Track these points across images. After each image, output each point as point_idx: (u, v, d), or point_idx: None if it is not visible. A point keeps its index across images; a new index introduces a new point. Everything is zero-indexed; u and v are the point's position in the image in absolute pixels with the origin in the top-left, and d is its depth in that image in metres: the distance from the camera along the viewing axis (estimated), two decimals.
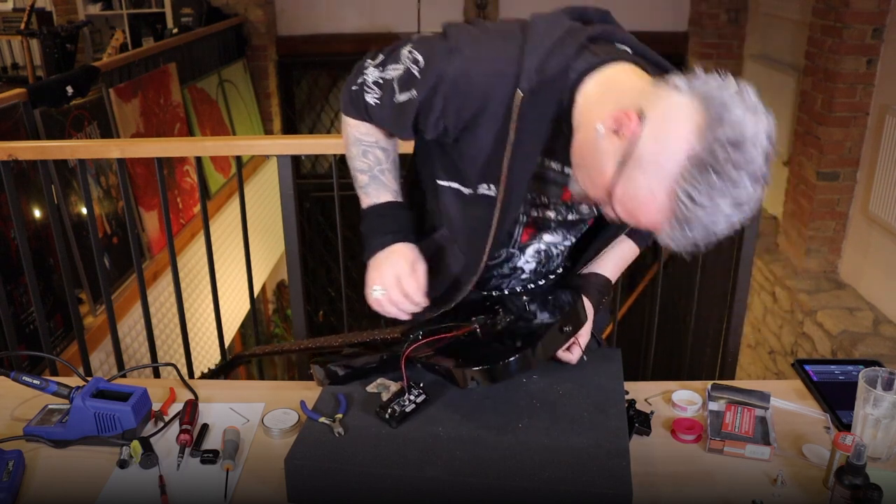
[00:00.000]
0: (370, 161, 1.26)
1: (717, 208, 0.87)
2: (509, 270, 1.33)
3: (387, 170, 1.26)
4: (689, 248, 0.92)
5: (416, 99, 1.12)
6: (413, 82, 1.12)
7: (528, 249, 1.30)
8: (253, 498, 1.11)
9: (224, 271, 4.36)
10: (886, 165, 3.61)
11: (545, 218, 1.25)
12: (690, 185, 0.87)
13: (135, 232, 3.40)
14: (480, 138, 1.11)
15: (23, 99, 3.06)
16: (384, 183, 1.25)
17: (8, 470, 1.11)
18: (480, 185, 1.17)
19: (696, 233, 0.90)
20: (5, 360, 2.58)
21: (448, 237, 1.30)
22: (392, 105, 1.17)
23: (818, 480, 1.13)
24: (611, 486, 0.99)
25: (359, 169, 1.26)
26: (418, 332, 1.26)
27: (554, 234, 1.29)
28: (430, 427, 1.12)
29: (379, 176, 1.25)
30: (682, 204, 0.88)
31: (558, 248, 1.32)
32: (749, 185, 0.87)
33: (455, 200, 1.23)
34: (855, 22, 3.64)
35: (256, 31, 6.02)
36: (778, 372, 4.17)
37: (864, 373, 1.15)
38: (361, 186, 1.26)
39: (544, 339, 1.14)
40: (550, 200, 1.22)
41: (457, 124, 1.11)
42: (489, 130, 1.09)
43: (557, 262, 1.36)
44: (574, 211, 1.25)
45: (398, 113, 1.17)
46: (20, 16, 5.12)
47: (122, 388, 1.26)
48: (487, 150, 1.11)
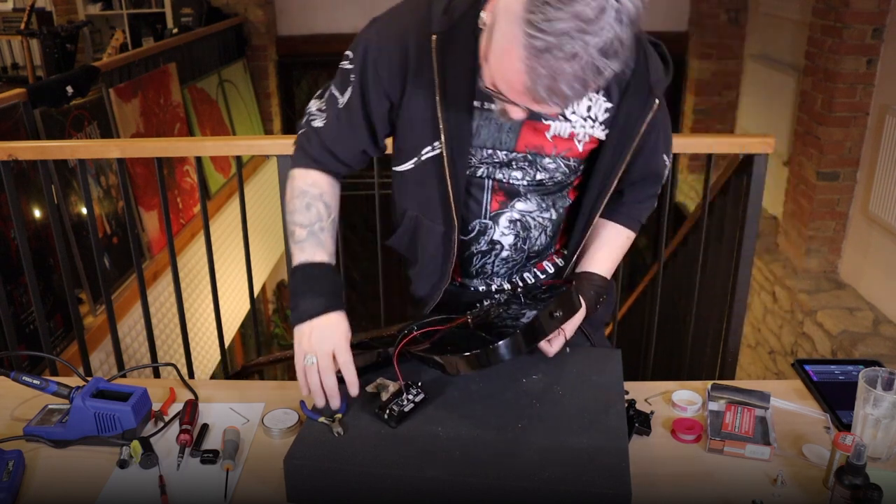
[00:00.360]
0: (311, 216, 1.24)
1: (564, 34, 0.87)
2: (487, 246, 1.32)
3: (326, 228, 1.24)
4: (563, 100, 0.93)
5: (354, 83, 1.19)
6: (347, 74, 1.20)
7: (501, 219, 1.29)
8: (253, 498, 1.11)
9: (224, 271, 4.36)
10: (886, 165, 3.61)
11: (511, 181, 1.25)
12: (534, 13, 0.88)
13: (135, 232, 3.40)
14: (416, 98, 1.16)
15: (23, 99, 3.06)
16: (321, 242, 1.23)
17: (8, 470, 1.11)
18: (425, 148, 1.20)
19: (559, 75, 0.89)
20: (5, 360, 2.58)
21: (417, 217, 1.30)
22: (338, 114, 1.23)
23: (818, 480, 1.13)
24: (610, 486, 0.99)
25: (298, 223, 1.24)
26: (412, 326, 1.26)
27: (527, 202, 1.28)
28: (430, 427, 1.12)
29: (318, 234, 1.23)
30: (532, 38, 0.88)
31: (535, 219, 1.31)
32: (592, 2, 0.87)
33: (411, 177, 1.25)
34: (855, 22, 3.64)
35: (256, 31, 6.02)
36: (778, 372, 4.17)
37: (864, 373, 1.15)
38: (298, 241, 1.23)
39: (534, 323, 1.14)
40: (509, 156, 1.22)
41: (393, 87, 1.17)
42: (420, 86, 1.15)
43: (539, 237, 1.34)
44: (539, 167, 1.24)
45: (347, 116, 1.22)
46: (20, 16, 5.12)
47: (122, 388, 1.26)
48: (423, 107, 1.16)
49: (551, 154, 1.23)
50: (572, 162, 1.26)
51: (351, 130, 1.24)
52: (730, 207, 2.33)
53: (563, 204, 1.33)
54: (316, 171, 1.27)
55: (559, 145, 1.22)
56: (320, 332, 1.17)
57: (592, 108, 1.20)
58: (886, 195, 3.61)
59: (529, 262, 1.37)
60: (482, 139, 1.20)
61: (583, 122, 1.21)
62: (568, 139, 1.22)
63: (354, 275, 6.22)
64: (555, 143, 1.22)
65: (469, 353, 1.10)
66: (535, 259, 1.38)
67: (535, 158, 1.23)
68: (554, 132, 1.21)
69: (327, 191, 1.27)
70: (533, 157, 1.23)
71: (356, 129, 1.24)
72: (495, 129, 1.20)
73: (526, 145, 1.22)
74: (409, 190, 1.29)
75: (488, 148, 1.21)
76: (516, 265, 1.36)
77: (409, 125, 1.20)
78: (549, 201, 1.30)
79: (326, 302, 1.18)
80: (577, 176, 1.31)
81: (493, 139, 1.20)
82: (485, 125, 1.19)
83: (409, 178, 1.26)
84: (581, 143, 1.23)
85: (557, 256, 1.43)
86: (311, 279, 1.21)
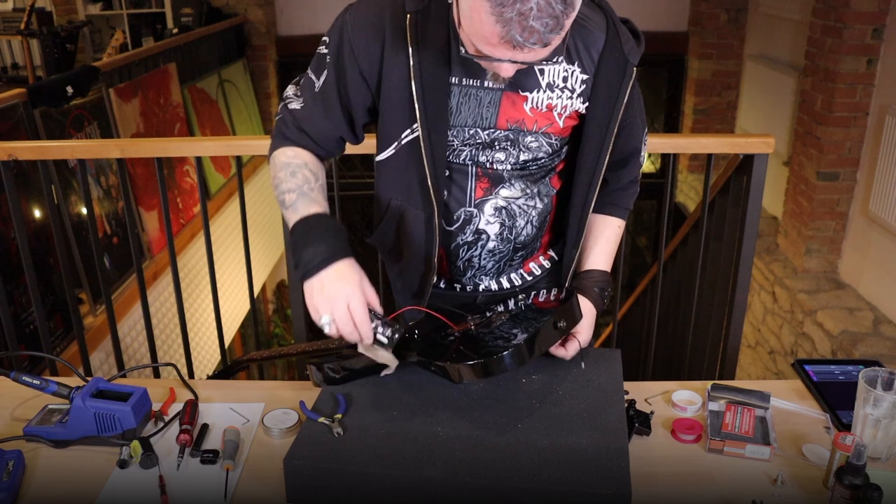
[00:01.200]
0: (299, 180, 1.21)
1: None
2: (473, 236, 1.32)
3: (315, 188, 1.21)
4: (539, 38, 0.96)
5: (330, 66, 1.20)
6: (323, 58, 1.22)
7: (486, 206, 1.29)
8: (253, 498, 1.11)
9: (224, 271, 4.36)
10: (886, 165, 3.61)
11: (495, 164, 1.26)
12: None
13: (135, 232, 3.41)
14: (392, 80, 1.17)
15: (23, 99, 3.06)
16: (312, 199, 1.19)
17: (8, 470, 1.11)
18: (404, 132, 1.21)
19: (527, 13, 0.93)
20: (5, 360, 2.58)
21: (401, 205, 1.31)
22: (314, 97, 1.24)
23: (818, 480, 1.13)
24: (610, 486, 0.99)
25: (286, 190, 1.21)
26: (414, 331, 1.26)
27: (511, 188, 1.29)
28: (430, 427, 1.12)
29: (308, 193, 1.20)
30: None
31: (521, 207, 1.31)
32: None
33: (393, 163, 1.26)
34: (855, 22, 3.64)
35: (256, 31, 6.02)
36: (778, 372, 4.17)
37: (864, 373, 1.15)
38: (289, 205, 1.19)
39: (538, 334, 1.14)
40: (491, 136, 1.23)
41: (370, 69, 1.18)
42: (396, 66, 1.16)
43: (525, 227, 1.33)
44: (522, 146, 1.25)
45: (322, 99, 1.23)
46: (20, 16, 5.13)
47: (122, 388, 1.26)
48: (400, 88, 1.17)
49: (532, 129, 1.23)
50: (554, 140, 1.26)
51: (327, 113, 1.24)
52: (730, 207, 2.33)
53: (547, 192, 1.33)
54: (294, 147, 1.26)
55: (539, 120, 1.23)
56: (331, 286, 1.11)
57: (569, 78, 1.21)
58: (886, 195, 3.61)
59: (517, 255, 1.37)
60: (463, 117, 1.21)
61: (559, 92, 1.21)
62: (547, 112, 1.22)
63: None
64: (535, 117, 1.22)
65: (473, 362, 1.11)
66: (521, 252, 1.37)
67: (518, 136, 1.23)
68: (532, 104, 1.21)
69: (310, 161, 1.25)
70: (515, 134, 1.23)
71: (332, 113, 1.24)
72: (475, 105, 1.20)
73: (507, 120, 1.22)
74: (392, 178, 1.29)
75: (469, 127, 1.22)
76: (504, 258, 1.36)
77: (387, 108, 1.21)
78: (533, 189, 1.30)
79: (330, 250, 1.12)
80: (561, 160, 1.32)
81: (474, 116, 1.21)
82: (464, 102, 1.20)
83: (391, 164, 1.27)
84: (561, 117, 1.23)
85: (545, 258, 1.43)
86: (310, 229, 1.15)
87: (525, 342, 1.12)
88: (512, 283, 1.42)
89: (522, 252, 1.38)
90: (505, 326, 1.24)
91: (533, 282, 1.43)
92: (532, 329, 1.17)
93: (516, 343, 1.12)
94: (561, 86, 1.21)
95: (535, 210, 1.32)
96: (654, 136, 2.02)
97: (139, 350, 3.46)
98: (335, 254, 1.12)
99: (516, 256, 1.37)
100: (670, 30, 5.85)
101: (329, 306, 1.11)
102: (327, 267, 1.11)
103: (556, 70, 1.20)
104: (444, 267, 1.39)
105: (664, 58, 5.91)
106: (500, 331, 1.23)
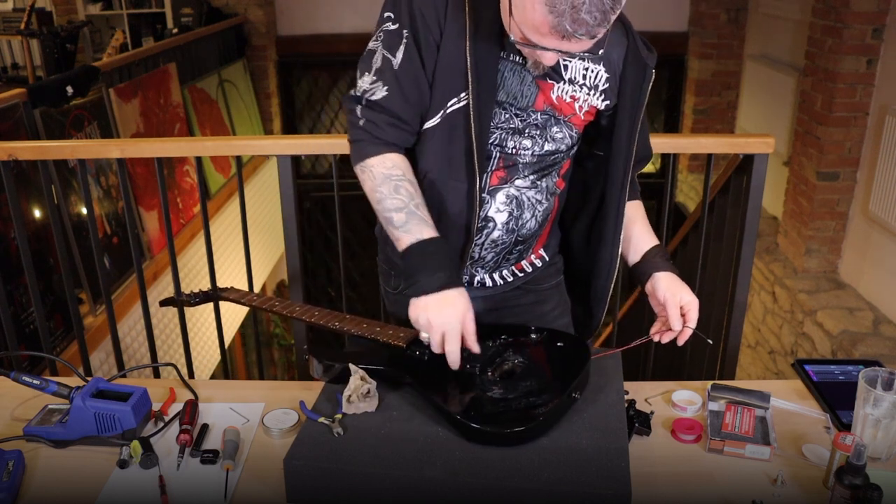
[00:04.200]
0: (403, 197, 1.23)
1: None
2: (481, 223, 1.33)
3: (420, 204, 1.24)
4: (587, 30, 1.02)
5: (408, 39, 1.21)
6: (395, 34, 1.22)
7: (499, 195, 1.32)
8: (253, 498, 1.11)
9: (224, 271, 4.36)
10: (886, 165, 3.61)
11: (520, 152, 1.29)
12: None
13: (135, 232, 3.40)
14: (448, 46, 1.20)
15: (23, 99, 3.06)
16: (422, 218, 1.23)
17: (8, 470, 1.11)
18: (451, 100, 1.22)
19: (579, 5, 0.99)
20: (5, 360, 2.58)
21: (435, 180, 1.30)
22: (397, 75, 1.22)
23: (818, 480, 1.13)
24: (610, 487, 0.99)
25: (394, 208, 1.23)
26: (425, 350, 1.22)
27: (524, 178, 1.32)
28: (430, 427, 1.12)
29: (415, 211, 1.23)
30: None
31: (530, 200, 1.34)
32: None
33: (436, 134, 1.27)
34: (855, 22, 3.64)
35: (256, 31, 6.02)
36: (778, 372, 4.17)
37: (864, 373, 1.15)
38: (400, 225, 1.22)
39: (556, 407, 1.11)
40: (525, 121, 1.27)
41: (436, 35, 1.20)
42: (452, 33, 1.19)
43: (529, 220, 1.36)
44: (549, 136, 1.30)
45: (407, 75, 1.22)
46: (20, 16, 5.13)
47: (122, 388, 1.26)
48: (454, 55, 1.20)
49: (562, 115, 1.28)
50: (574, 133, 1.32)
51: (416, 88, 1.23)
52: (730, 207, 2.33)
53: (553, 190, 1.37)
54: (389, 153, 1.26)
55: (565, 108, 1.28)
56: (438, 308, 1.17)
57: (589, 76, 1.28)
58: (886, 195, 3.61)
59: (515, 248, 1.39)
60: (506, 89, 1.25)
61: (579, 87, 1.28)
62: (570, 103, 1.28)
63: (354, 275, 6.22)
64: (561, 105, 1.28)
65: (485, 429, 1.07)
66: (520, 247, 1.39)
67: (547, 124, 1.28)
68: (557, 93, 1.27)
69: (407, 170, 1.26)
70: (546, 120, 1.28)
71: (421, 86, 1.23)
72: (518, 83, 1.25)
73: (545, 101, 1.27)
74: (433, 148, 1.28)
75: (509, 104, 1.25)
76: (504, 250, 1.38)
77: (440, 76, 1.23)
78: (542, 184, 1.34)
79: (445, 278, 1.18)
80: (567, 159, 1.37)
81: (516, 93, 1.25)
82: (510, 77, 1.24)
83: (434, 135, 1.27)
84: (581, 111, 1.30)
85: (536, 257, 1.46)
86: (427, 256, 1.20)
87: (544, 418, 1.08)
88: (504, 279, 1.44)
89: (521, 247, 1.40)
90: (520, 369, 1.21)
91: (523, 279, 1.46)
92: (552, 405, 1.11)
93: (532, 418, 1.08)
94: (581, 81, 1.28)
95: (542, 206, 1.36)
96: (655, 136, 2.02)
97: (139, 350, 3.46)
98: (447, 284, 1.19)
99: (514, 251, 1.39)
100: (670, 30, 5.85)
101: (429, 328, 1.18)
102: (437, 292, 1.18)
103: (577, 66, 1.27)
104: None
105: (664, 58, 5.84)
106: (513, 375, 1.20)
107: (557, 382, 1.17)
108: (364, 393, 1.15)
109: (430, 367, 1.20)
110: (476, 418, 1.08)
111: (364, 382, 1.16)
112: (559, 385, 1.15)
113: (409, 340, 1.23)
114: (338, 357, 1.25)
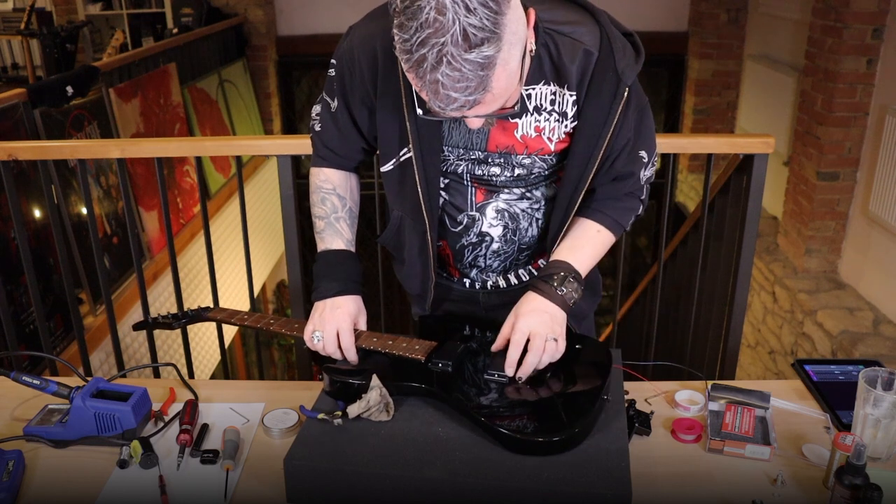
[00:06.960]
0: (327, 208, 1.35)
1: (420, 45, 0.91)
2: (476, 238, 1.33)
3: (342, 218, 1.35)
4: (459, 107, 0.95)
5: (338, 91, 1.25)
6: (332, 82, 1.27)
7: (488, 210, 1.30)
8: (253, 498, 1.11)
9: (224, 271, 4.36)
10: (886, 165, 3.61)
11: (492, 178, 1.27)
12: (395, 38, 0.95)
13: (135, 232, 3.40)
14: (385, 104, 1.20)
15: (23, 99, 3.06)
16: (338, 230, 1.34)
17: (8, 470, 1.11)
18: (402, 150, 1.24)
19: (440, 83, 0.92)
20: (5, 360, 2.58)
21: (401, 216, 1.37)
22: (332, 118, 1.30)
23: (818, 480, 1.13)
24: (610, 487, 0.99)
25: (317, 215, 1.35)
26: (447, 363, 1.20)
27: (510, 192, 1.29)
28: (430, 427, 1.12)
29: (334, 223, 1.34)
30: (405, 61, 0.94)
31: (524, 210, 1.30)
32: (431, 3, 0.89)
33: (393, 176, 1.29)
34: (855, 22, 3.64)
35: (256, 31, 6.02)
36: (778, 372, 4.17)
37: (864, 373, 1.15)
38: (318, 232, 1.35)
39: (594, 412, 1.11)
40: (484, 154, 1.24)
41: (367, 94, 1.21)
42: (388, 92, 1.18)
43: (528, 228, 1.32)
44: (515, 164, 1.24)
45: (337, 121, 1.29)
46: (20, 16, 5.13)
47: (122, 388, 1.26)
48: (393, 112, 1.20)
49: (522, 153, 1.23)
50: (549, 157, 1.24)
51: (344, 133, 1.31)
52: (730, 207, 2.33)
53: (550, 194, 1.30)
54: (326, 168, 1.37)
55: (530, 144, 1.21)
56: (330, 311, 1.26)
57: (556, 101, 1.17)
58: (886, 195, 3.61)
59: (522, 255, 1.37)
60: (454, 140, 1.23)
61: (547, 115, 1.18)
62: (537, 137, 1.20)
63: None
64: (525, 143, 1.21)
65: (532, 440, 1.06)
66: (527, 252, 1.37)
67: (509, 157, 1.24)
68: (522, 131, 1.20)
69: (339, 184, 1.37)
70: (505, 157, 1.24)
71: (348, 133, 1.31)
72: (465, 131, 1.21)
73: (497, 145, 1.22)
74: (393, 189, 1.33)
75: (461, 148, 1.24)
76: (509, 258, 1.37)
77: (383, 130, 1.24)
78: (535, 193, 1.30)
79: (340, 286, 1.29)
80: (560, 169, 1.27)
81: (465, 140, 1.22)
82: (455, 127, 1.21)
83: (392, 177, 1.30)
84: (552, 141, 1.21)
85: None
86: (330, 265, 1.31)
87: (586, 425, 1.08)
88: (520, 278, 1.42)
89: (528, 252, 1.37)
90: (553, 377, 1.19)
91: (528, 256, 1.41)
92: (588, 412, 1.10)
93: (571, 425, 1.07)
94: (549, 108, 1.18)
95: (539, 213, 1.31)
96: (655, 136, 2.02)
97: (139, 350, 3.46)
98: (342, 291, 1.29)
99: (522, 256, 1.37)
100: (670, 30, 5.85)
101: (321, 326, 1.26)
102: (334, 297, 1.28)
103: (542, 93, 1.17)
104: (451, 263, 1.40)
105: (664, 58, 5.91)
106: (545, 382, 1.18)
107: (587, 387, 1.16)
108: (383, 407, 1.14)
109: (456, 378, 1.20)
110: (519, 429, 1.07)
111: (383, 398, 1.15)
112: (591, 391, 1.15)
113: (427, 352, 1.23)
114: (353, 373, 1.22)
